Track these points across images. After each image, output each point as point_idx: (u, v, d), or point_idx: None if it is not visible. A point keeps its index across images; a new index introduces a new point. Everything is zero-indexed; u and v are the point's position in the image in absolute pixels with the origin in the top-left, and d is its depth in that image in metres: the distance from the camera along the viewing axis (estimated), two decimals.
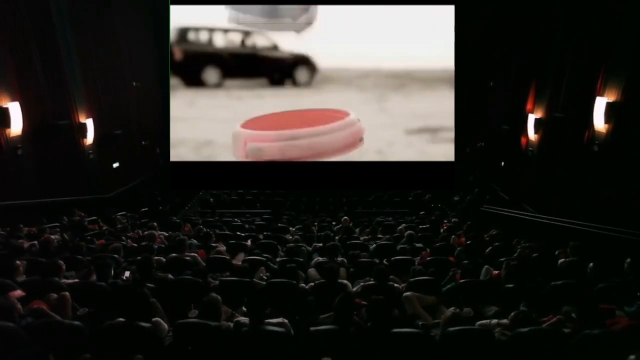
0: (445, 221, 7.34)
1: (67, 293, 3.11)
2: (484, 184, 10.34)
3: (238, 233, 6.45)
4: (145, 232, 5.82)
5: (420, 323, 3.10)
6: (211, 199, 10.54)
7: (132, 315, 2.61)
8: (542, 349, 2.49)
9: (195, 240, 5.47)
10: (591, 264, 3.67)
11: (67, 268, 3.85)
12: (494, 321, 2.94)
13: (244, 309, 3.27)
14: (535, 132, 8.17)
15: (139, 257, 4.09)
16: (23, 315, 2.76)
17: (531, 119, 8.27)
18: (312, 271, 4.29)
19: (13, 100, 6.54)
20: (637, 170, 5.07)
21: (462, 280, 3.65)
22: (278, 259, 4.81)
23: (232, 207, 10.22)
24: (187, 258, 4.39)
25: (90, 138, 8.86)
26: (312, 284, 3.85)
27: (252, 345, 2.59)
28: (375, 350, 2.53)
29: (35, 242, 4.84)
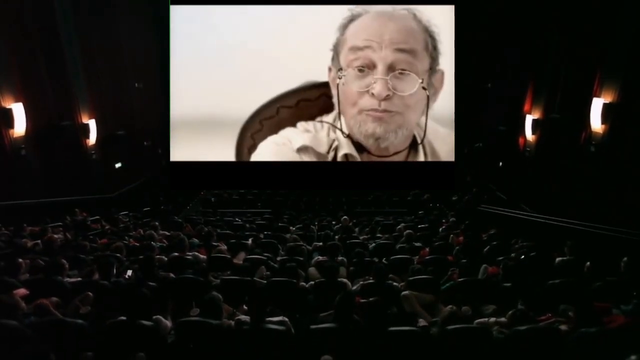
0: (444, 220, 7.37)
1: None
2: (481, 184, 10.38)
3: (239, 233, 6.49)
4: (147, 232, 5.86)
5: (420, 325, 3.13)
6: (212, 199, 10.58)
7: (134, 314, 2.64)
8: (540, 347, 2.52)
9: (196, 240, 5.51)
10: (588, 263, 3.71)
11: (70, 267, 3.89)
12: (492, 319, 2.97)
13: (244, 307, 3.32)
14: (533, 133, 8.22)
15: (141, 256, 4.14)
16: (27, 313, 2.80)
17: (529, 119, 8.32)
18: (312, 270, 4.33)
19: (17, 101, 6.59)
20: (633, 171, 5.11)
21: (460, 279, 3.68)
22: (278, 258, 4.84)
23: (233, 206, 10.26)
24: (189, 257, 4.44)
25: (93, 139, 8.93)
26: (312, 282, 3.88)
27: (253, 343, 2.62)
28: (374, 348, 2.56)
29: (39, 241, 4.88)
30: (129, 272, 3.85)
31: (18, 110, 6.56)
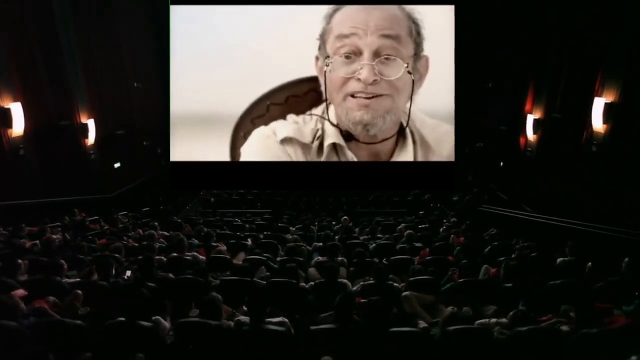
0: (445, 221, 7.36)
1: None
2: (482, 184, 10.37)
3: (238, 233, 6.48)
4: (146, 232, 5.85)
5: (420, 326, 3.12)
6: (212, 199, 10.57)
7: (133, 314, 2.63)
8: (541, 347, 2.51)
9: (195, 240, 5.49)
10: (589, 264, 3.69)
11: (69, 267, 3.88)
12: (493, 320, 2.96)
13: (244, 308, 3.30)
14: (534, 133, 8.20)
15: (140, 257, 4.12)
16: (26, 314, 2.79)
17: (530, 119, 8.29)
18: (312, 270, 4.32)
19: (15, 100, 6.57)
20: (635, 170, 5.09)
21: (461, 280, 3.67)
22: (278, 259, 4.83)
23: (233, 206, 10.25)
24: (188, 257, 4.42)
25: (92, 138, 8.90)
26: (312, 283, 3.87)
27: (252, 344, 2.61)
28: (374, 349, 2.55)
29: (37, 241, 4.87)
30: (128, 273, 3.83)
31: (17, 110, 6.54)
